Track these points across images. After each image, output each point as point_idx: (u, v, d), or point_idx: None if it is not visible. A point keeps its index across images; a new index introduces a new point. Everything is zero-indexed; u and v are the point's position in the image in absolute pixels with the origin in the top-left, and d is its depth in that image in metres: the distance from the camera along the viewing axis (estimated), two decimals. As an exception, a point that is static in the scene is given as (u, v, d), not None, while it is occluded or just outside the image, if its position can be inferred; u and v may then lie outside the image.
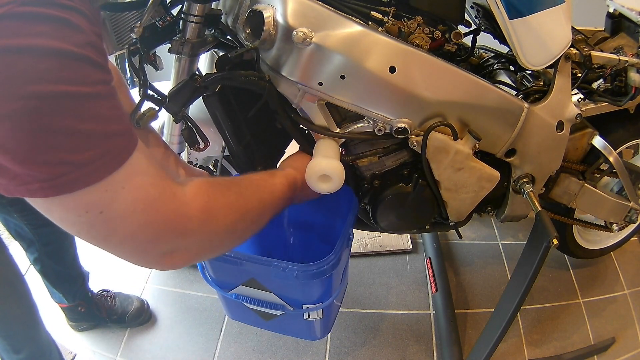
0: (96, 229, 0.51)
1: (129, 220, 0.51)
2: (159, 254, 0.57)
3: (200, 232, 0.59)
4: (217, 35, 0.99)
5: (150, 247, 0.56)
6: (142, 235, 0.53)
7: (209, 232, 0.61)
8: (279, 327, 1.07)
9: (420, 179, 1.02)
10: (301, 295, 0.94)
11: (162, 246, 0.56)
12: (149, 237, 0.54)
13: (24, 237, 1.23)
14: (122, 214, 0.50)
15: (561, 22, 0.99)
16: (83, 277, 1.41)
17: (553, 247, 0.99)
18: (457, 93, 0.91)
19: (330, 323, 1.07)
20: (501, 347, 1.31)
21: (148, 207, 0.52)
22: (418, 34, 0.89)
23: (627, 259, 1.69)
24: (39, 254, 1.26)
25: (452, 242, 1.75)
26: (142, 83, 0.83)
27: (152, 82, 0.85)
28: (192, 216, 0.58)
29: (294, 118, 0.91)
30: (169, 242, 0.57)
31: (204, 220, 0.59)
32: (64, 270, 1.34)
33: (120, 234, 0.52)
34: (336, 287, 0.97)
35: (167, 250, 0.57)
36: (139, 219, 0.52)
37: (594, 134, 1.16)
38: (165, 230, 0.55)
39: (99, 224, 0.50)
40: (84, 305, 1.41)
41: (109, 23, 1.01)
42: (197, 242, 0.60)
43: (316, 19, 0.79)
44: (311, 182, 0.86)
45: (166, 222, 0.55)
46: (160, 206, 0.54)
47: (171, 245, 0.57)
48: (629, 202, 1.27)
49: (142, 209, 0.52)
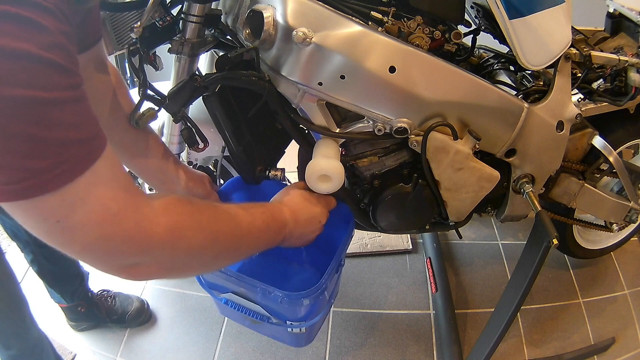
0: (54, 236, 0.50)
1: (86, 231, 0.50)
2: (119, 266, 0.56)
3: (163, 250, 0.57)
4: (217, 35, 0.99)
5: (109, 260, 0.55)
6: (99, 248, 0.52)
7: (172, 250, 0.58)
8: (264, 331, 1.08)
9: (420, 179, 1.02)
10: (286, 314, 0.95)
11: (121, 260, 0.55)
12: (107, 250, 0.53)
13: (20, 238, 1.23)
14: (79, 225, 0.49)
15: (561, 22, 0.99)
16: (82, 277, 1.40)
17: (553, 247, 0.99)
18: (457, 93, 0.91)
19: (314, 334, 1.08)
20: (501, 347, 1.31)
21: (106, 221, 0.51)
22: (418, 34, 0.88)
23: (627, 259, 1.69)
24: (35, 256, 1.26)
25: (452, 242, 1.75)
26: (142, 83, 0.83)
27: (152, 82, 0.85)
28: (155, 233, 0.55)
29: (294, 118, 0.91)
30: (129, 257, 0.55)
31: (169, 239, 0.57)
32: (61, 271, 1.33)
33: (78, 244, 0.51)
34: (321, 309, 0.97)
35: (126, 265, 0.56)
36: (96, 231, 0.50)
37: (594, 134, 1.16)
38: (124, 245, 0.53)
39: (57, 232, 0.49)
40: (84, 305, 1.41)
41: (109, 23, 1.01)
42: (160, 259, 0.58)
43: (316, 19, 0.79)
44: (311, 182, 0.86)
45: (125, 238, 0.53)
46: (119, 220, 0.52)
47: (132, 260, 0.56)
48: (629, 202, 1.27)
49: (99, 221, 0.50)
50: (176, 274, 0.66)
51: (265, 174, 1.03)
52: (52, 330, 1.44)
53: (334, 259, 0.92)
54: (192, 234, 0.60)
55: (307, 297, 0.87)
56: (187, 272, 0.68)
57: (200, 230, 0.62)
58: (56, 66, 0.43)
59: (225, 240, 0.67)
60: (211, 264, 0.68)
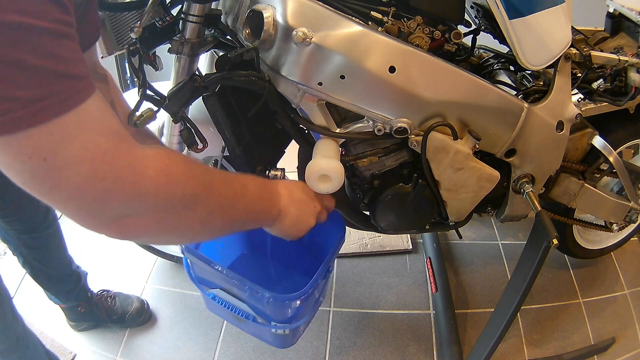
0: (39, 179, 0.46)
1: (74, 171, 0.46)
2: (108, 217, 0.51)
3: (156, 196, 0.53)
4: (217, 35, 0.99)
5: (98, 207, 0.50)
6: (89, 190, 0.48)
7: (165, 198, 0.54)
8: (248, 330, 1.08)
9: (420, 179, 1.02)
10: (271, 314, 0.95)
11: (111, 207, 0.51)
12: (97, 193, 0.48)
13: (10, 242, 1.23)
14: (67, 163, 0.45)
15: (561, 22, 0.99)
16: (77, 277, 1.39)
17: (553, 247, 0.99)
18: (457, 93, 0.91)
19: (298, 336, 1.09)
20: (501, 347, 1.31)
21: (98, 158, 0.47)
22: (418, 34, 0.88)
23: (627, 259, 1.69)
24: (25, 259, 1.26)
25: (452, 242, 1.75)
26: (142, 83, 0.83)
27: (152, 82, 0.85)
28: (148, 176, 0.52)
29: (294, 118, 0.91)
30: (119, 203, 0.51)
31: (162, 183, 0.53)
32: (54, 272, 1.33)
33: (65, 187, 0.47)
34: (306, 312, 0.98)
35: (117, 214, 0.52)
36: (86, 170, 0.47)
37: (594, 134, 1.16)
38: (115, 187, 0.49)
39: (43, 173, 0.45)
40: (84, 305, 1.41)
41: (109, 23, 1.01)
42: (152, 209, 0.54)
43: (316, 19, 0.79)
44: (311, 182, 0.86)
45: (117, 178, 0.49)
46: (111, 159, 0.48)
47: (122, 208, 0.51)
48: (629, 202, 1.27)
49: (90, 159, 0.47)
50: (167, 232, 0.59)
51: (265, 174, 1.03)
52: (52, 330, 1.45)
53: (323, 265, 0.92)
54: (185, 181, 0.57)
55: (293, 300, 0.88)
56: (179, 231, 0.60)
57: (193, 179, 0.58)
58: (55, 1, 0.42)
59: (220, 196, 0.63)
60: (205, 223, 0.63)
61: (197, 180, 0.59)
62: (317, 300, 1.03)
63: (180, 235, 0.62)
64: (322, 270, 0.92)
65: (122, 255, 1.67)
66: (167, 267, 1.65)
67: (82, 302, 1.40)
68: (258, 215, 0.74)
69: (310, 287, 0.89)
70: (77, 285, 1.39)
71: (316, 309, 1.05)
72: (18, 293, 1.56)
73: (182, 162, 0.58)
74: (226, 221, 0.67)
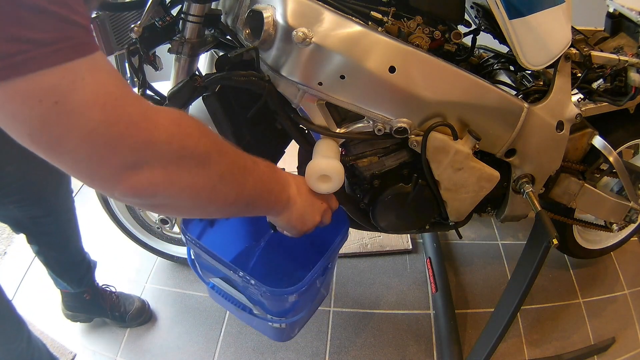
0: (50, 124, 0.44)
1: (87, 115, 0.45)
2: (118, 167, 0.49)
3: (168, 144, 0.52)
4: (217, 35, 0.99)
5: (109, 154, 0.48)
6: (101, 134, 0.46)
7: (178, 148, 0.53)
8: (247, 321, 1.08)
9: (420, 179, 1.02)
10: (267, 307, 0.94)
11: (122, 153, 0.49)
12: (109, 138, 0.47)
13: (24, 228, 1.21)
14: (79, 107, 0.44)
15: (561, 22, 0.99)
16: (88, 264, 1.38)
17: (553, 247, 0.99)
18: (457, 93, 0.91)
19: (296, 331, 1.08)
20: (501, 347, 1.31)
21: (110, 103, 0.46)
22: (418, 34, 0.89)
23: (627, 259, 1.69)
24: (40, 246, 1.25)
25: (452, 242, 1.75)
26: (142, 83, 0.83)
27: (152, 82, 0.85)
28: (160, 124, 0.51)
29: (294, 118, 0.91)
30: (131, 150, 0.49)
31: (174, 132, 0.52)
32: (68, 259, 1.32)
33: (77, 132, 0.45)
34: (304, 307, 0.97)
35: (129, 164, 0.50)
36: (99, 113, 0.46)
37: (594, 134, 1.16)
38: (128, 132, 0.48)
39: (53, 117, 0.44)
40: (90, 292, 1.40)
41: (108, 23, 1.01)
42: (164, 159, 0.52)
43: (316, 19, 0.79)
44: (311, 182, 0.86)
45: (129, 123, 0.48)
46: (123, 105, 0.48)
47: (134, 156, 0.50)
48: (629, 202, 1.27)
49: (102, 103, 0.46)
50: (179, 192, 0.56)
51: (265, 174, 1.03)
52: (52, 330, 1.45)
53: (322, 260, 0.91)
54: (198, 136, 0.56)
55: (288, 294, 0.87)
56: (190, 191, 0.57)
57: (206, 136, 0.57)
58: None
59: (231, 162, 0.62)
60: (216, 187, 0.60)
61: (210, 139, 0.58)
62: (317, 295, 1.02)
63: (191, 198, 0.59)
64: (320, 265, 0.91)
65: (123, 255, 1.67)
66: (167, 267, 1.65)
67: (88, 288, 1.39)
68: (267, 196, 0.71)
69: (306, 282, 0.88)
70: (88, 272, 1.38)
71: (317, 304, 1.04)
72: (18, 293, 1.57)
73: (194, 119, 0.57)
74: (238, 191, 0.64)
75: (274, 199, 0.73)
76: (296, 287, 0.87)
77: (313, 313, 1.06)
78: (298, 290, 0.87)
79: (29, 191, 1.10)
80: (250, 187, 0.66)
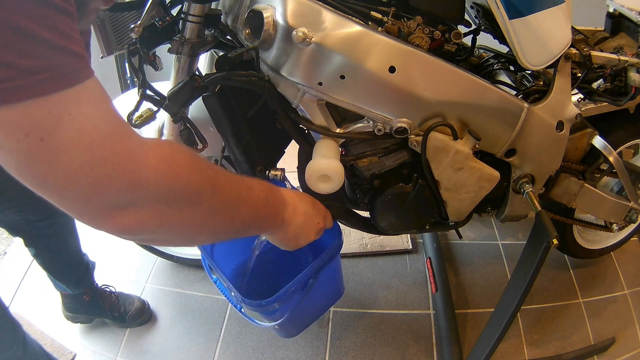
0: (35, 161, 0.44)
1: (72, 153, 0.44)
2: (105, 207, 0.48)
3: (156, 186, 0.50)
4: (217, 35, 0.99)
5: (95, 195, 0.47)
6: (86, 176, 0.45)
7: (167, 188, 0.52)
8: None
9: (420, 179, 1.02)
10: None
11: (109, 194, 0.48)
12: (94, 179, 0.46)
13: (24, 232, 1.21)
14: (65, 145, 0.43)
15: (561, 22, 0.99)
16: (87, 265, 1.38)
17: (553, 247, 0.99)
18: (457, 93, 0.91)
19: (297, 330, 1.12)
20: (501, 347, 1.31)
21: (97, 142, 0.45)
22: (418, 34, 0.88)
23: (627, 259, 1.69)
24: (37, 249, 1.25)
25: (452, 242, 1.75)
26: (142, 83, 0.83)
27: (152, 82, 0.85)
28: (149, 164, 0.49)
29: (294, 118, 0.91)
30: (118, 191, 0.48)
31: (163, 172, 0.51)
32: (66, 261, 1.32)
33: (62, 171, 0.44)
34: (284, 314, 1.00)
35: (116, 204, 0.49)
36: (84, 154, 0.44)
37: (594, 134, 1.16)
38: (114, 173, 0.47)
39: (39, 154, 0.43)
40: (89, 294, 1.40)
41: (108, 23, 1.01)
42: (152, 200, 0.51)
43: (316, 19, 0.79)
44: (311, 182, 0.86)
45: (116, 164, 0.46)
46: (111, 143, 0.46)
47: (120, 198, 0.49)
48: (629, 202, 1.27)
49: (88, 142, 0.44)
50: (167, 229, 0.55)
51: (265, 174, 1.03)
52: (52, 330, 1.45)
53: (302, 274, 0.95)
54: (189, 173, 0.54)
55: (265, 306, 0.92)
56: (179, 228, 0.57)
57: (197, 172, 0.55)
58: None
59: (224, 195, 0.60)
60: (207, 223, 0.59)
61: (202, 174, 0.56)
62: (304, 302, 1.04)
63: (180, 233, 0.59)
64: (299, 279, 0.94)
65: (123, 255, 1.67)
66: (167, 267, 1.65)
67: (88, 290, 1.39)
68: (261, 221, 0.71)
69: (278, 297, 0.92)
70: (87, 273, 1.38)
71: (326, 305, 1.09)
72: (18, 293, 1.57)
73: (186, 154, 0.55)
74: (229, 223, 0.63)
75: (268, 223, 0.72)
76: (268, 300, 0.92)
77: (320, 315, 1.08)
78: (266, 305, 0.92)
79: (26, 196, 1.08)
80: (243, 216, 0.65)
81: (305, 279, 0.96)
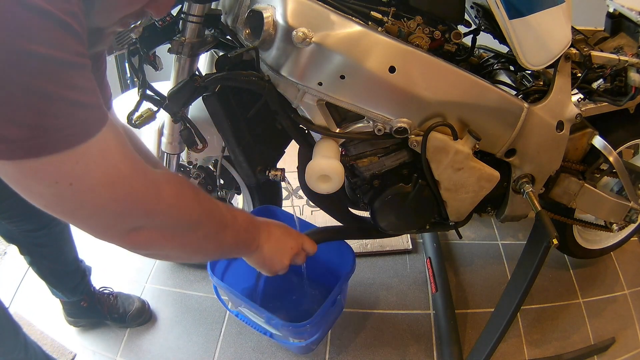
0: (65, 201, 0.51)
1: (98, 194, 0.51)
2: (124, 230, 0.57)
3: (168, 215, 0.61)
4: (217, 35, 0.99)
5: (117, 223, 0.56)
6: (110, 210, 0.54)
7: (176, 217, 0.62)
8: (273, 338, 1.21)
9: (420, 179, 1.02)
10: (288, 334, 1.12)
11: (129, 222, 0.57)
12: (117, 212, 0.54)
13: (18, 241, 1.21)
14: (92, 187, 0.50)
15: (561, 22, 0.99)
16: (82, 272, 1.38)
17: (553, 247, 0.99)
18: (457, 93, 0.91)
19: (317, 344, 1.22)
20: (501, 347, 1.31)
21: (119, 182, 0.53)
22: (418, 34, 0.88)
23: (627, 259, 1.69)
24: (33, 258, 1.25)
25: (452, 242, 1.75)
26: (142, 83, 0.83)
27: (152, 82, 0.85)
28: (162, 198, 0.59)
29: (294, 118, 0.91)
30: (136, 219, 0.57)
31: (173, 204, 0.61)
32: (62, 268, 1.32)
33: (89, 207, 0.52)
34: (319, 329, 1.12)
35: (133, 227, 0.58)
36: (109, 193, 0.52)
37: (594, 134, 1.16)
38: (134, 206, 0.56)
39: (68, 196, 0.50)
40: (87, 300, 1.40)
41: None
42: (164, 225, 0.61)
43: (316, 19, 0.79)
44: (311, 182, 0.86)
45: (136, 199, 0.55)
46: (131, 182, 0.54)
47: (136, 222, 0.58)
48: (629, 202, 1.27)
49: (112, 183, 0.52)
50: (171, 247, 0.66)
51: (265, 174, 1.03)
52: (52, 330, 1.45)
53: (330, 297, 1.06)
54: (193, 205, 0.65)
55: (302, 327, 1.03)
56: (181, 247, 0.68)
57: (199, 204, 0.66)
58: (73, 32, 0.45)
59: (215, 222, 0.71)
60: (201, 245, 0.71)
61: (202, 207, 0.67)
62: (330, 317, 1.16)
63: (181, 251, 0.69)
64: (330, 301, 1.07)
65: (123, 255, 1.67)
66: (167, 267, 1.65)
67: (85, 296, 1.40)
68: (240, 246, 0.81)
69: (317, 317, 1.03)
70: (83, 280, 1.38)
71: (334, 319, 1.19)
72: (18, 293, 1.56)
73: (190, 188, 0.66)
74: (217, 245, 0.74)
75: (245, 248, 0.82)
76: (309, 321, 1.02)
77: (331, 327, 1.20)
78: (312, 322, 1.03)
79: (21, 207, 1.10)
80: (228, 240, 0.76)
81: (333, 297, 1.06)
